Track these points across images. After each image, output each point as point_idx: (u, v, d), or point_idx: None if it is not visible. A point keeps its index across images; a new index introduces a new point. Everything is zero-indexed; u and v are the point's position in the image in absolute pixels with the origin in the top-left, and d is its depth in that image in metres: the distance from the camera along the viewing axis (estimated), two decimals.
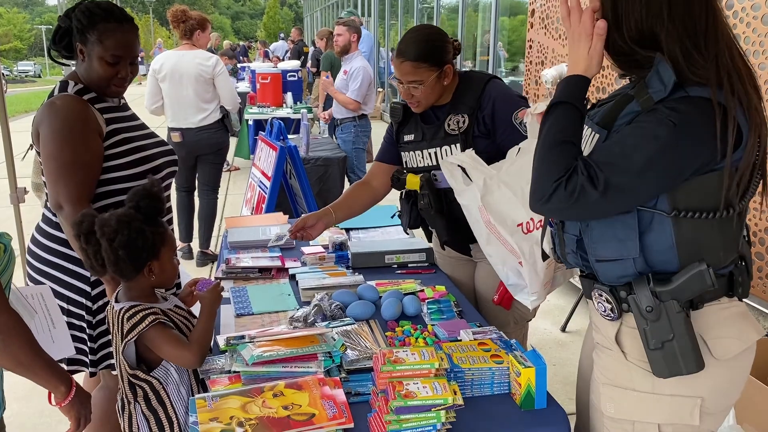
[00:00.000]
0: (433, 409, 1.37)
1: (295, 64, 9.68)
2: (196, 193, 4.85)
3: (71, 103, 1.91)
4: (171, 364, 1.61)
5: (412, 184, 2.18)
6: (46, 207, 2.04)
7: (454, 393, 1.40)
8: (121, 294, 1.65)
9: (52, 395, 1.50)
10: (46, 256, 2.01)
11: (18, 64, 42.46)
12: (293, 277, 2.32)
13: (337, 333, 1.79)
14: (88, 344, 2.02)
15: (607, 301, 1.37)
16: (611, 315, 1.37)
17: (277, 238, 2.46)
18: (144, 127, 2.14)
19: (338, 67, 6.20)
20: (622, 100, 1.32)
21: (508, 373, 1.57)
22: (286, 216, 3.03)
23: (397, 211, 2.39)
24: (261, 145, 4.65)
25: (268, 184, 4.24)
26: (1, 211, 5.07)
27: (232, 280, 2.32)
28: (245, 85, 9.82)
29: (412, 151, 2.21)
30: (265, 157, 4.45)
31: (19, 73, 38.74)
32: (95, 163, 1.92)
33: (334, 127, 5.57)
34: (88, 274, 1.97)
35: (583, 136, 1.37)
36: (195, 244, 4.91)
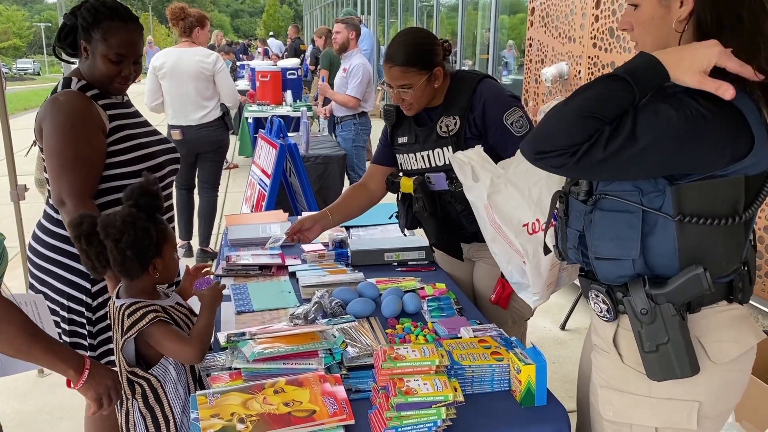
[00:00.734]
0: (433, 406, 1.37)
1: (294, 62, 9.67)
2: (196, 191, 4.85)
3: (74, 99, 1.91)
4: (170, 362, 1.61)
5: (406, 188, 2.18)
6: (48, 203, 2.04)
7: (455, 390, 1.40)
8: (123, 290, 1.65)
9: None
10: (47, 252, 2.01)
11: (17, 62, 42.45)
12: (293, 274, 2.33)
13: (337, 330, 1.80)
14: (88, 340, 2.02)
15: (603, 302, 1.36)
16: (607, 316, 1.37)
17: (274, 240, 2.47)
18: (147, 124, 2.14)
19: (337, 64, 6.19)
20: None
21: (509, 371, 1.58)
22: (286, 214, 3.03)
23: (395, 212, 2.39)
24: (261, 143, 4.65)
25: (268, 181, 4.24)
26: (1, 209, 5.07)
27: (232, 278, 2.32)
28: (245, 83, 9.81)
29: (406, 154, 2.22)
30: (265, 155, 4.45)
31: (18, 71, 38.73)
32: (98, 159, 1.92)
33: (334, 125, 5.57)
34: (89, 286, 1.98)
35: None
36: (195, 242, 4.91)
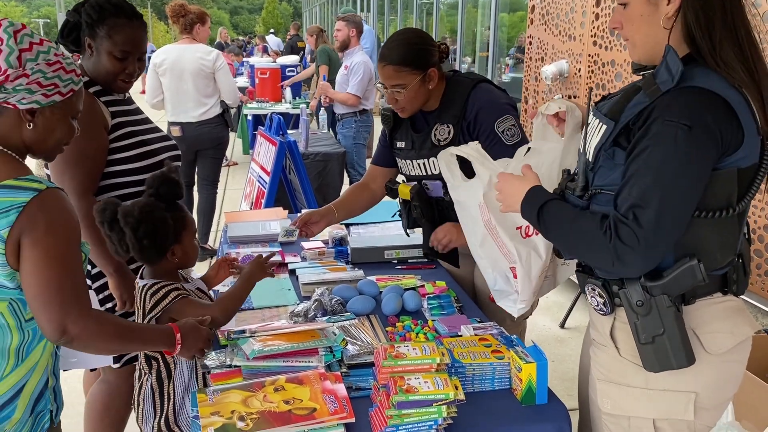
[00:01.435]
0: (434, 404, 1.37)
1: (294, 59, 9.65)
2: (196, 188, 4.84)
3: None
4: None
5: (404, 195, 2.18)
6: None
7: (456, 388, 1.40)
8: (146, 272, 1.69)
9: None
10: None
11: None
12: (293, 272, 2.32)
13: (337, 328, 1.79)
14: None
15: (599, 296, 1.37)
16: (604, 309, 1.38)
17: (286, 233, 2.45)
18: (148, 121, 2.14)
19: (336, 61, 6.17)
20: (630, 90, 1.32)
21: (509, 369, 1.57)
22: (286, 211, 3.02)
23: (397, 211, 2.39)
24: (260, 140, 4.64)
25: (267, 179, 4.23)
26: None
27: (231, 275, 2.31)
28: (244, 80, 9.80)
29: (404, 159, 2.22)
30: (265, 152, 4.44)
31: None
32: (100, 156, 1.92)
33: (335, 123, 5.55)
34: (89, 268, 1.97)
35: (591, 128, 1.36)
36: None
